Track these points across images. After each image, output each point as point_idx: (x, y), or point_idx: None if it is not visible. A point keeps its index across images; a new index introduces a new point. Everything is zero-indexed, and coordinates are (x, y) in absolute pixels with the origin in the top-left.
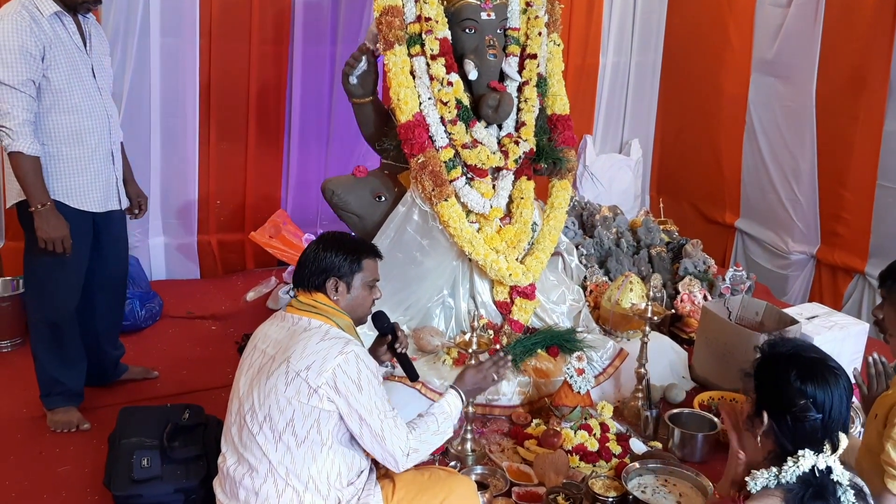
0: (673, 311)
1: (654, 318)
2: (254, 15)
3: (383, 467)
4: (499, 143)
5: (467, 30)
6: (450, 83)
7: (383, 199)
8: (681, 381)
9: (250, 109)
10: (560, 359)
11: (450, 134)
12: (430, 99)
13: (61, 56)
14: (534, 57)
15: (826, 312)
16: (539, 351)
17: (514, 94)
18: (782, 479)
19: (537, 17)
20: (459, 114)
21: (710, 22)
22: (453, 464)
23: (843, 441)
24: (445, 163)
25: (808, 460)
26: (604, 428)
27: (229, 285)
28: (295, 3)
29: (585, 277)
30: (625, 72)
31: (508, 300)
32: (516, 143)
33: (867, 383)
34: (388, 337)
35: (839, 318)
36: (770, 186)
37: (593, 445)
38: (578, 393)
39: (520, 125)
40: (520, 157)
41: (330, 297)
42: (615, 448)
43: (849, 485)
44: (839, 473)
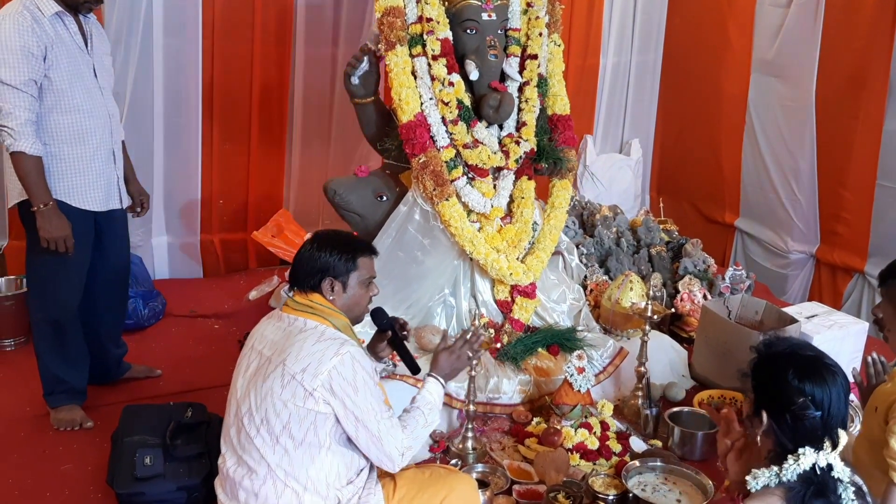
0: (673, 310)
1: (654, 317)
2: (256, 15)
3: None
4: (500, 143)
5: (468, 30)
6: (451, 83)
7: (385, 198)
8: (681, 379)
9: (253, 109)
10: (560, 357)
11: (451, 134)
12: (431, 99)
13: (63, 56)
14: (534, 57)
15: (825, 311)
16: (540, 349)
17: (515, 94)
18: (783, 477)
19: (538, 17)
20: (461, 114)
21: (711, 22)
22: (454, 462)
23: (842, 438)
24: (447, 163)
25: (808, 458)
26: (604, 426)
27: (232, 284)
28: (297, 4)
29: (586, 276)
30: (625, 72)
31: (509, 299)
32: (517, 142)
33: (866, 383)
34: (387, 333)
35: (839, 317)
36: (770, 186)
37: (593, 444)
38: (579, 391)
39: (521, 125)
40: (520, 156)
41: (326, 297)
42: (615, 446)
43: (849, 482)
44: (840, 470)
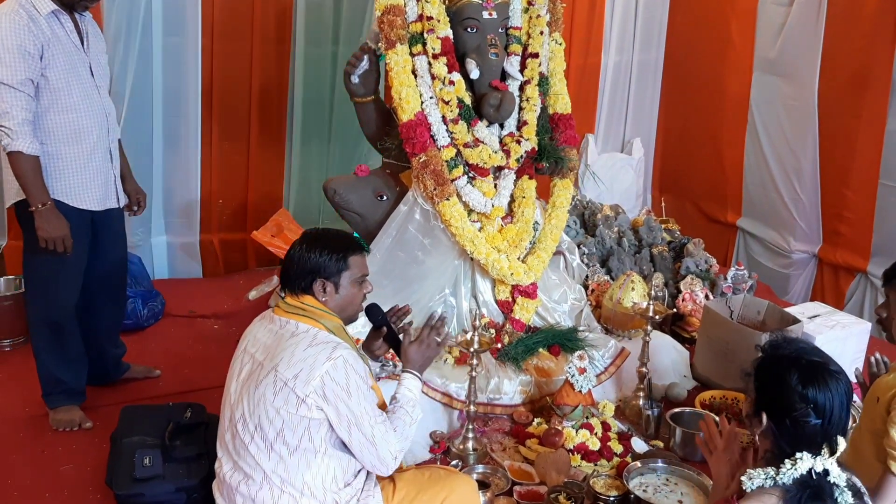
0: (674, 310)
1: (656, 317)
2: (255, 14)
3: None
4: (500, 142)
5: (469, 29)
6: (451, 82)
7: (385, 198)
8: (682, 380)
9: (252, 109)
10: (562, 358)
11: (451, 133)
12: (431, 98)
13: (59, 55)
14: (535, 56)
15: (828, 311)
16: (541, 350)
17: (516, 93)
18: (780, 480)
19: (539, 16)
20: (461, 113)
21: (713, 20)
22: (454, 463)
23: (841, 445)
24: (447, 162)
25: (805, 463)
26: (605, 427)
27: (231, 284)
28: (297, 3)
29: (587, 276)
30: (627, 71)
31: (510, 299)
32: (518, 142)
33: (869, 383)
34: (382, 330)
35: (841, 317)
36: (772, 185)
37: (595, 444)
38: (580, 392)
39: (521, 124)
40: (521, 156)
41: (318, 298)
42: (616, 447)
43: (846, 485)
44: (836, 475)
